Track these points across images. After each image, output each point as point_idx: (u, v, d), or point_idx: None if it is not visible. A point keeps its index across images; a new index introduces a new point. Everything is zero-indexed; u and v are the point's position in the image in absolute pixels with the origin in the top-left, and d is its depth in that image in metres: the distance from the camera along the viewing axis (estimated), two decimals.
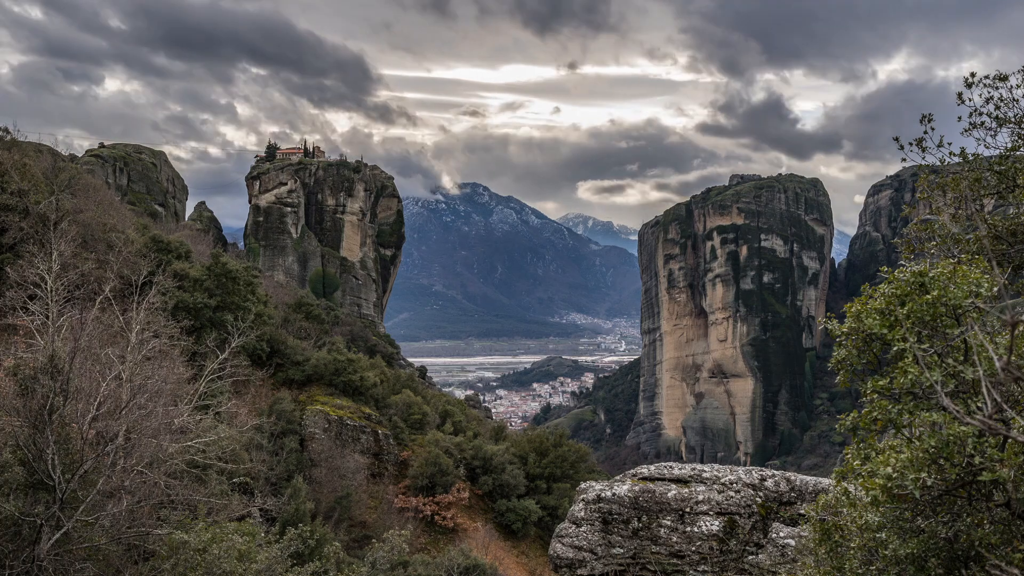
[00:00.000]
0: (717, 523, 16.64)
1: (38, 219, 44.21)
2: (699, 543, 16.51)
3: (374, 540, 36.48)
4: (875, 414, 8.24)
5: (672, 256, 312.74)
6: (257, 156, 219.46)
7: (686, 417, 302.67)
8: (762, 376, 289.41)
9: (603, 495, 17.61)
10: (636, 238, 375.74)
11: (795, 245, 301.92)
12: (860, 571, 8.53)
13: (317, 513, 48.15)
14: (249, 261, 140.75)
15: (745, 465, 20.79)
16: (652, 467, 18.54)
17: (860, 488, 8.13)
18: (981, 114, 13.25)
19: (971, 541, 7.36)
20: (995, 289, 8.31)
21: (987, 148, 13.60)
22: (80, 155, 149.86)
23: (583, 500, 17.95)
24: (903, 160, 13.72)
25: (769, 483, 17.33)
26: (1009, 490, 6.99)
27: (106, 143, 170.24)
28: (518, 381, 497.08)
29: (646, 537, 16.93)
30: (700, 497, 16.99)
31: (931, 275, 8.47)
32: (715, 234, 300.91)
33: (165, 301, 44.11)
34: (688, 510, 16.89)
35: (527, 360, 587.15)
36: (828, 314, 10.88)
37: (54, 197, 45.90)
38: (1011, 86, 13.16)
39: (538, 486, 69.00)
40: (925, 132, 13.13)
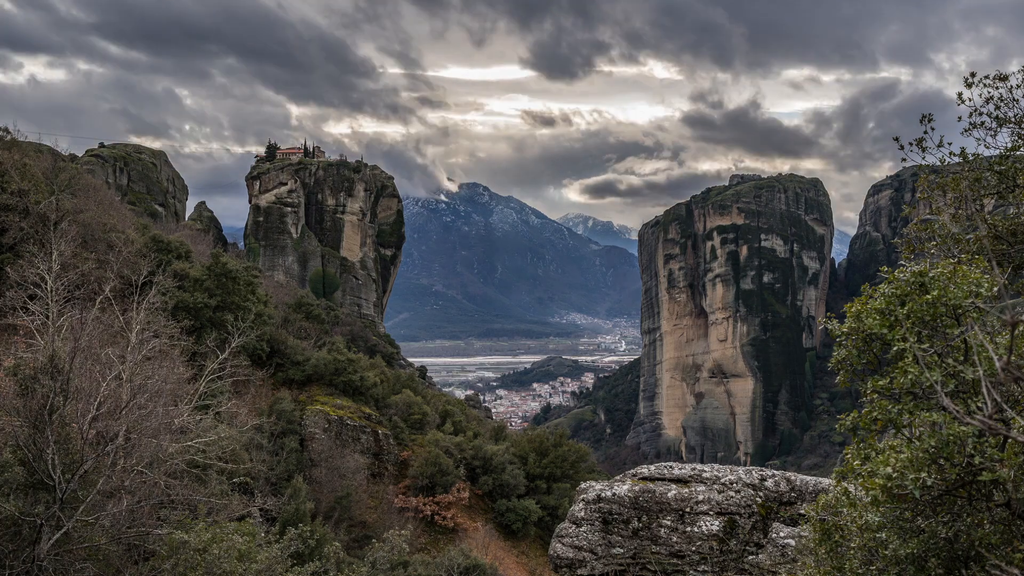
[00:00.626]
0: (717, 523, 16.64)
1: (38, 219, 44.21)
2: (699, 543, 16.51)
3: (374, 540, 36.48)
4: (875, 414, 8.24)
5: (672, 256, 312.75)
6: (257, 156, 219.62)
7: (686, 417, 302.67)
8: (762, 376, 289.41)
9: (603, 495, 17.61)
10: (636, 238, 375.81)
11: (795, 245, 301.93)
12: (860, 571, 8.53)
13: (317, 513, 48.15)
14: (249, 261, 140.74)
15: (745, 465, 20.79)
16: (652, 467, 18.54)
17: (860, 488, 8.13)
18: (981, 114, 13.25)
19: (971, 541, 7.36)
20: (995, 289, 8.31)
21: (987, 148, 13.60)
22: (79, 155, 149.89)
23: (583, 500, 17.95)
24: (903, 160, 13.71)
25: (769, 483, 17.33)
26: (1009, 490, 6.99)
27: (106, 143, 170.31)
28: (518, 381, 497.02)
29: (646, 537, 16.93)
30: (700, 497, 16.99)
31: (931, 275, 8.47)
32: (715, 234, 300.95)
33: (165, 301, 44.12)
34: (688, 510, 16.89)
35: (527, 360, 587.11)
36: (828, 314, 10.88)
37: (54, 197, 45.90)
38: (1011, 86, 13.16)
39: (538, 486, 69.01)
40: (925, 132, 13.12)
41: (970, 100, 13.11)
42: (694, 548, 16.52)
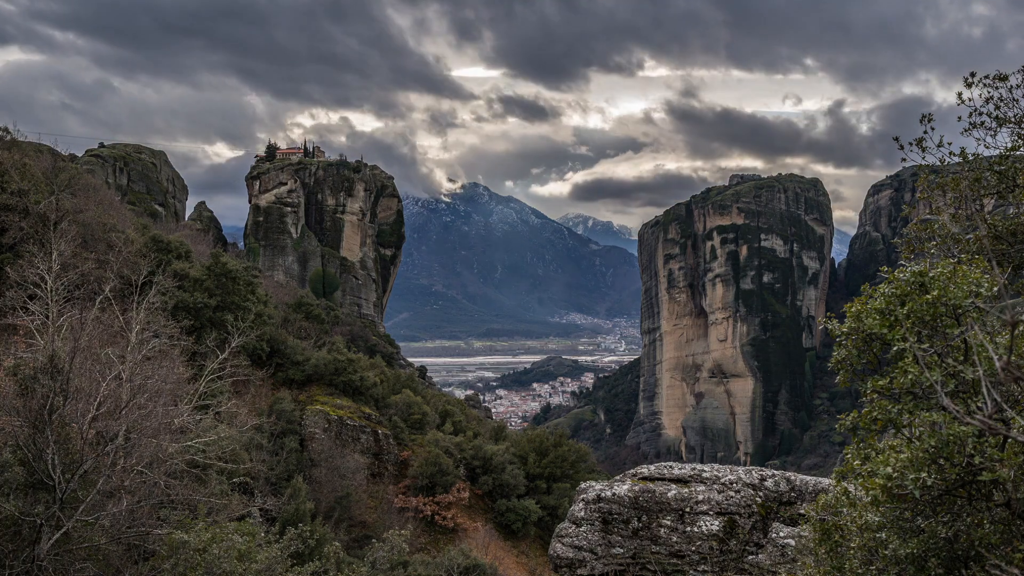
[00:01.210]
0: (717, 523, 16.64)
1: (38, 219, 44.20)
2: (699, 543, 16.50)
3: (374, 540, 36.49)
4: (875, 414, 8.25)
5: (672, 256, 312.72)
6: (257, 156, 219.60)
7: (686, 417, 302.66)
8: (762, 376, 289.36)
9: (603, 495, 17.61)
10: (636, 238, 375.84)
11: (795, 245, 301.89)
12: (860, 571, 8.53)
13: (317, 513, 48.13)
14: (249, 261, 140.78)
15: (745, 465, 20.79)
16: (652, 467, 18.54)
17: (860, 488, 8.13)
18: (981, 114, 13.24)
19: (971, 541, 7.36)
20: (995, 289, 8.31)
21: (987, 148, 13.59)
22: (80, 155, 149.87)
23: (583, 500, 17.95)
24: (903, 160, 13.70)
25: (769, 483, 17.33)
26: (1009, 490, 6.99)
27: (106, 143, 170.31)
28: (518, 381, 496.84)
29: (646, 537, 16.93)
30: (700, 497, 16.99)
31: (931, 275, 8.47)
32: (715, 234, 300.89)
33: (165, 301, 44.12)
34: (688, 510, 16.89)
35: (527, 360, 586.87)
36: (828, 314, 10.88)
37: (54, 197, 45.89)
38: (1011, 86, 13.16)
39: (538, 486, 69.00)
40: (925, 132, 13.12)
41: (970, 100, 13.11)
42: (694, 548, 16.52)
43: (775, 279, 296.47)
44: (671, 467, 18.29)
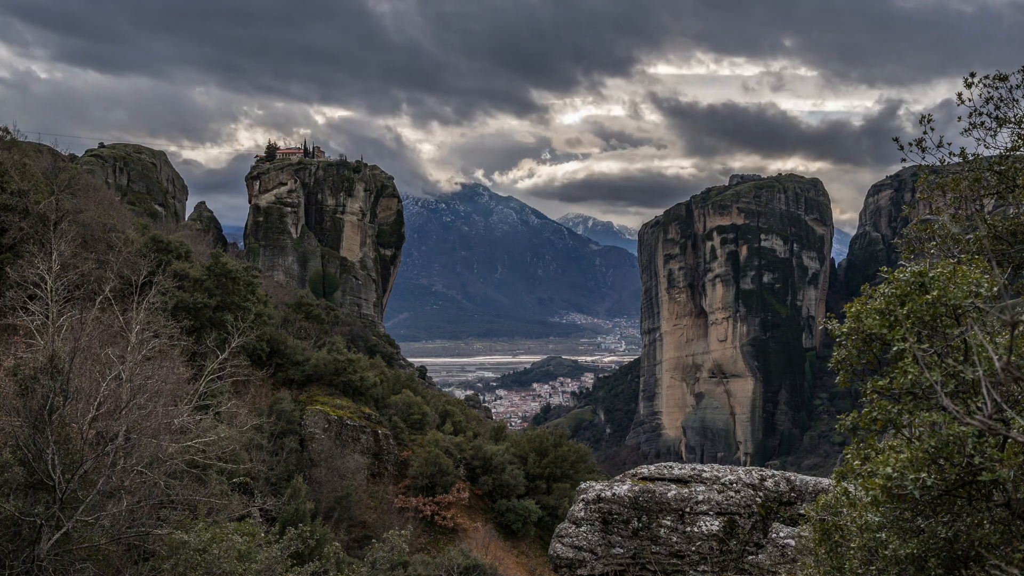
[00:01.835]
0: (717, 523, 16.64)
1: (38, 219, 44.20)
2: (699, 543, 16.51)
3: (374, 540, 36.45)
4: (875, 414, 8.25)
5: (672, 256, 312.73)
6: (257, 156, 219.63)
7: (686, 417, 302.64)
8: (762, 376, 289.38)
9: (603, 495, 17.61)
10: (636, 238, 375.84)
11: (795, 245, 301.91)
12: (860, 571, 8.53)
13: (317, 513, 48.13)
14: (249, 261, 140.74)
15: (745, 465, 20.80)
16: (652, 467, 18.54)
17: (860, 488, 8.13)
18: (981, 114, 13.24)
19: (971, 541, 7.36)
20: (995, 289, 8.31)
21: (987, 148, 13.59)
22: (79, 155, 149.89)
23: (583, 500, 17.95)
24: (903, 160, 13.70)
25: (769, 483, 17.33)
26: (1009, 490, 7.00)
27: (106, 143, 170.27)
28: (518, 381, 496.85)
29: (646, 537, 16.93)
30: (700, 497, 16.99)
31: (931, 275, 8.47)
32: (715, 234, 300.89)
33: (165, 301, 44.14)
34: (688, 510, 16.89)
35: (527, 360, 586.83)
36: (828, 314, 10.88)
37: (54, 197, 45.89)
38: (1011, 86, 13.16)
39: (538, 486, 69.01)
40: (925, 132, 13.12)
41: (970, 100, 13.11)
42: (694, 548, 16.52)
43: (775, 279, 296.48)
44: (671, 467, 18.29)
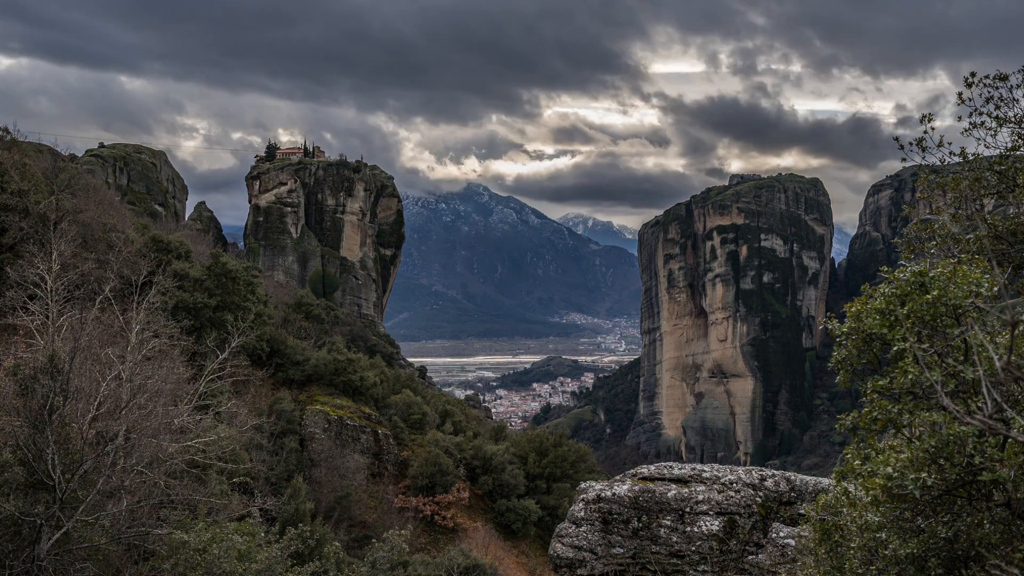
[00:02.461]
0: (717, 523, 16.64)
1: (38, 219, 44.20)
2: (699, 543, 16.50)
3: (374, 540, 36.45)
4: (875, 414, 8.25)
5: (672, 256, 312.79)
6: (257, 156, 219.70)
7: (686, 417, 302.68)
8: (762, 376, 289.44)
9: (603, 495, 17.61)
10: (636, 238, 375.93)
11: (795, 245, 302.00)
12: (860, 571, 8.53)
13: (317, 513, 48.13)
14: (249, 261, 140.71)
15: (745, 465, 20.80)
16: (652, 467, 18.54)
17: (860, 488, 8.13)
18: (981, 114, 13.24)
19: (971, 541, 7.36)
20: (995, 289, 8.30)
21: (987, 148, 13.59)
22: (79, 155, 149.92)
23: (583, 500, 17.95)
24: (903, 160, 13.70)
25: (769, 483, 17.33)
26: (1009, 490, 7.00)
27: (106, 143, 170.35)
28: (518, 381, 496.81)
29: (646, 537, 16.93)
30: (700, 497, 16.99)
31: (931, 275, 8.47)
32: (715, 234, 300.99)
33: (165, 301, 44.12)
34: (688, 510, 16.89)
35: (527, 360, 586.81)
36: (828, 314, 10.88)
37: (54, 197, 45.89)
38: (1011, 86, 13.16)
39: (538, 486, 69.01)
40: (925, 132, 13.12)
41: (970, 100, 13.11)
42: (694, 548, 16.52)
43: (775, 279, 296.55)
44: (671, 467, 18.30)
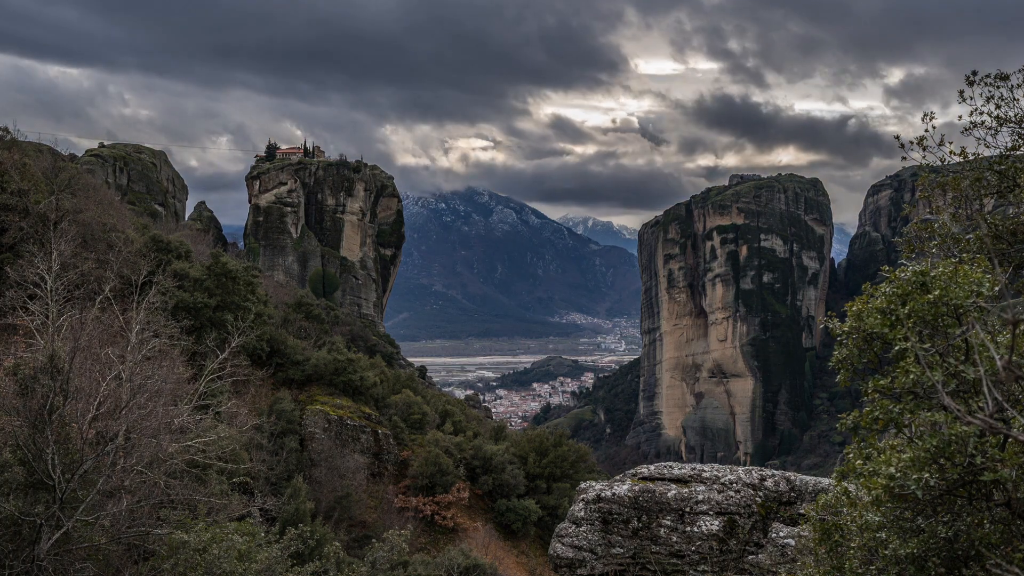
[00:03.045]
0: (717, 523, 16.63)
1: (38, 219, 44.20)
2: (699, 543, 16.50)
3: (374, 540, 36.46)
4: (876, 413, 8.24)
5: (672, 256, 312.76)
6: (257, 156, 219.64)
7: (686, 417, 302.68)
8: (762, 376, 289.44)
9: (603, 495, 17.60)
10: (636, 238, 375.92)
11: (795, 245, 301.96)
12: (860, 571, 8.52)
13: (317, 513, 48.14)
14: (249, 261, 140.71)
15: (745, 465, 20.79)
16: (652, 467, 18.54)
17: (860, 488, 8.13)
18: (982, 113, 13.24)
19: (971, 541, 7.36)
20: (996, 288, 8.30)
21: (987, 148, 13.58)
22: (80, 155, 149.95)
23: (583, 500, 17.94)
24: (903, 159, 13.69)
25: (769, 483, 17.33)
26: (1009, 490, 6.99)
27: (106, 143, 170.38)
28: (518, 381, 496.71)
29: (646, 537, 16.92)
30: (700, 497, 16.98)
31: (932, 275, 8.46)
32: (715, 234, 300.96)
33: (165, 301, 44.10)
34: (688, 510, 16.88)
35: (527, 360, 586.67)
36: (829, 313, 10.87)
37: (54, 197, 45.89)
38: (1012, 85, 13.15)
39: (538, 486, 69.00)
40: (926, 131, 13.11)
41: (971, 99, 13.10)
42: (694, 548, 16.51)
43: (775, 279, 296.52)
44: (671, 467, 18.29)
